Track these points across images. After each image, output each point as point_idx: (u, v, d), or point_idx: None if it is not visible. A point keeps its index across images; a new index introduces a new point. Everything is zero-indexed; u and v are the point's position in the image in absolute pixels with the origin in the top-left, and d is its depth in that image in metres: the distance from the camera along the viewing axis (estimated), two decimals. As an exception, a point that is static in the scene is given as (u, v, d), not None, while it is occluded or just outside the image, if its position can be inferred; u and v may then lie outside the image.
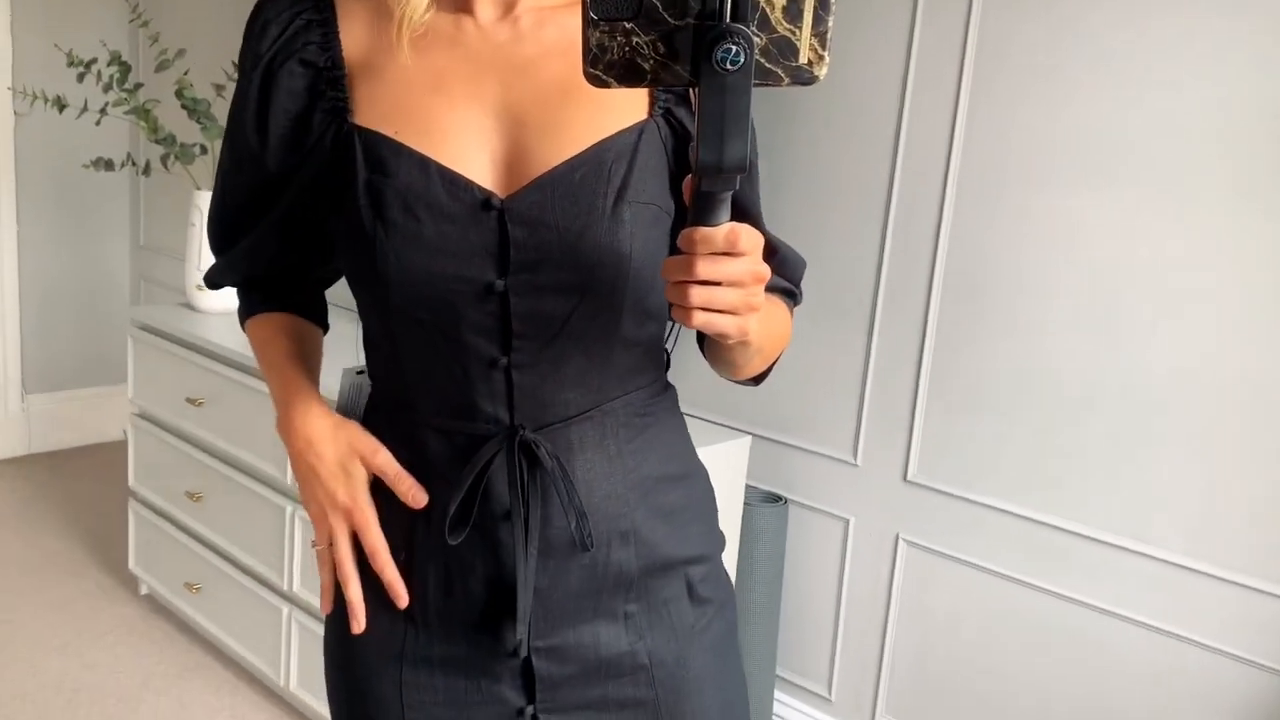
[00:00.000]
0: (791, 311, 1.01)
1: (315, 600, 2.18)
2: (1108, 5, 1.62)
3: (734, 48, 0.64)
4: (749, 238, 0.71)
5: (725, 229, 0.70)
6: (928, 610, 1.92)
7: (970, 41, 1.76)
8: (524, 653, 0.91)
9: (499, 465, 0.89)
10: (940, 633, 1.91)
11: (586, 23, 0.66)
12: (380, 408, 0.96)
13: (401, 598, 0.92)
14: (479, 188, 0.84)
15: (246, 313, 1.04)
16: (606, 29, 0.66)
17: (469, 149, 0.85)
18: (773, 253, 0.94)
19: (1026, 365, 1.76)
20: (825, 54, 0.67)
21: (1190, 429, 1.61)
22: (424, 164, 0.84)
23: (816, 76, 0.68)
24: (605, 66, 0.67)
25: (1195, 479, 1.61)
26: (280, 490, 2.25)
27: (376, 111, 0.87)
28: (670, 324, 0.96)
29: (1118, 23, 1.62)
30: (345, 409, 1.00)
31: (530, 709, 0.93)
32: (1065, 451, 1.73)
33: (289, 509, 2.22)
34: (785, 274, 0.98)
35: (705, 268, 0.70)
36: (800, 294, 1.03)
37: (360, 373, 1.01)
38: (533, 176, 0.84)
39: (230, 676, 2.44)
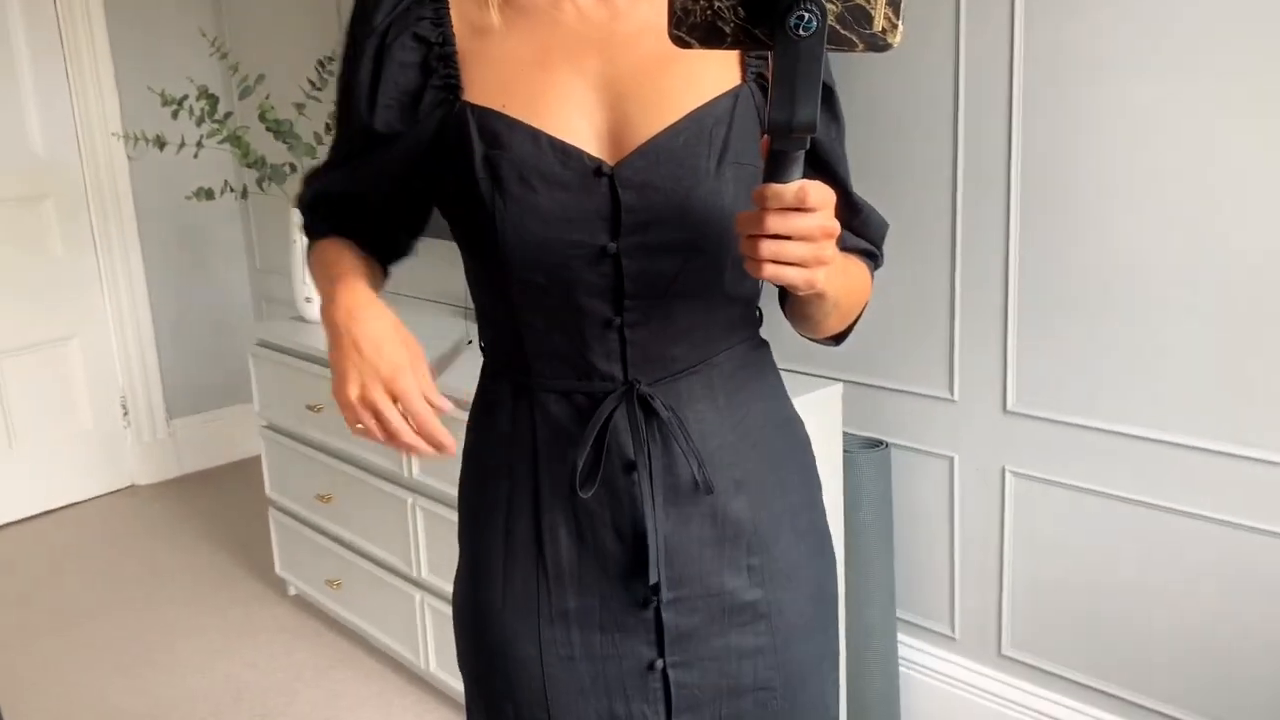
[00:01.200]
0: (872, 272, 1.03)
1: (444, 585, 2.28)
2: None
3: (807, 14, 0.68)
4: (818, 194, 0.74)
5: (795, 185, 0.73)
6: (1043, 540, 1.88)
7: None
8: (657, 598, 0.96)
9: (619, 419, 0.94)
10: (1057, 561, 1.87)
11: None
12: (498, 375, 1.01)
13: (447, 445, 0.86)
14: (589, 156, 0.89)
15: (316, 232, 1.04)
16: None
17: (575, 121, 0.89)
18: (855, 213, 0.99)
19: (1115, 275, 1.70)
20: (899, 22, 0.71)
21: (1298, 324, 1.53)
22: (536, 136, 0.88)
23: (890, 43, 0.72)
24: (689, 29, 0.72)
25: (1309, 376, 1.53)
26: (401, 484, 2.34)
27: (486, 88, 0.91)
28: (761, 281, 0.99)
29: None
30: (441, 360, 1.05)
31: (660, 662, 0.97)
32: (1164, 361, 1.67)
33: (409, 500, 2.31)
34: (867, 235, 1.01)
35: (775, 222, 0.74)
36: (882, 256, 1.05)
37: (479, 345, 1.06)
38: (637, 144, 0.89)
39: (375, 665, 2.56)
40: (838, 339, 1.05)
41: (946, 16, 1.81)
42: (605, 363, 0.94)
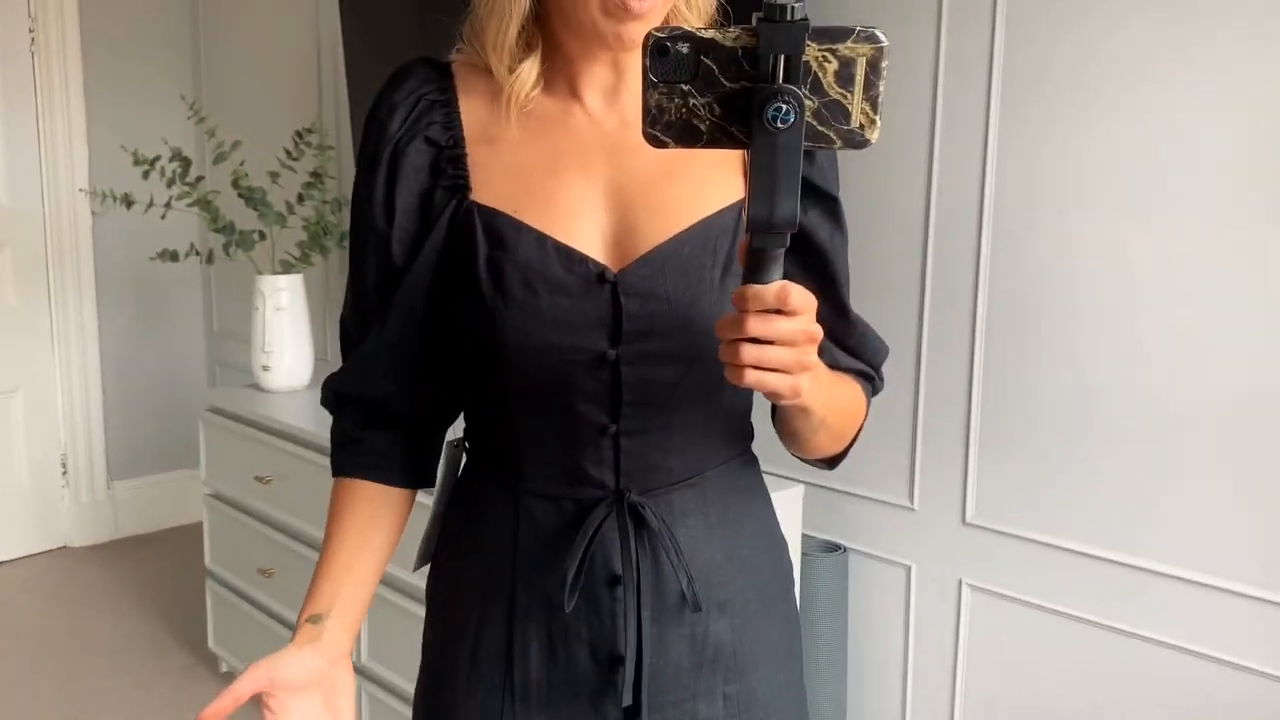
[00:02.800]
0: (869, 396, 1.00)
1: (385, 672, 2.20)
2: (1132, 25, 1.60)
3: (785, 106, 0.66)
4: (799, 296, 0.71)
5: (776, 286, 0.71)
6: (998, 656, 1.86)
7: (996, 68, 1.75)
8: None
9: (608, 529, 0.91)
10: (1012, 679, 1.85)
11: (646, 85, 0.69)
12: (484, 477, 0.97)
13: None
14: (593, 262, 0.88)
15: (345, 457, 0.99)
16: (665, 90, 0.69)
17: (582, 226, 0.89)
18: (850, 331, 0.97)
19: (1079, 396, 1.72)
20: (877, 118, 0.69)
21: (1255, 455, 1.55)
22: (541, 240, 0.88)
23: (869, 140, 0.70)
24: (663, 127, 0.70)
25: (1266, 505, 1.54)
26: (345, 563, 2.28)
27: (494, 189, 0.90)
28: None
29: (1143, 41, 1.60)
30: (443, 481, 1.02)
31: None
32: (1125, 484, 1.68)
33: (354, 581, 2.25)
34: (863, 355, 0.99)
35: (756, 325, 0.71)
36: (880, 380, 1.02)
37: (458, 446, 1.02)
38: (642, 251, 0.88)
39: (306, 751, 2.46)
40: (831, 462, 1.01)
41: (921, 129, 1.86)
42: (598, 470, 0.91)
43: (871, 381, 1.01)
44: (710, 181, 0.90)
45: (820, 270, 0.95)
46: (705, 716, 0.94)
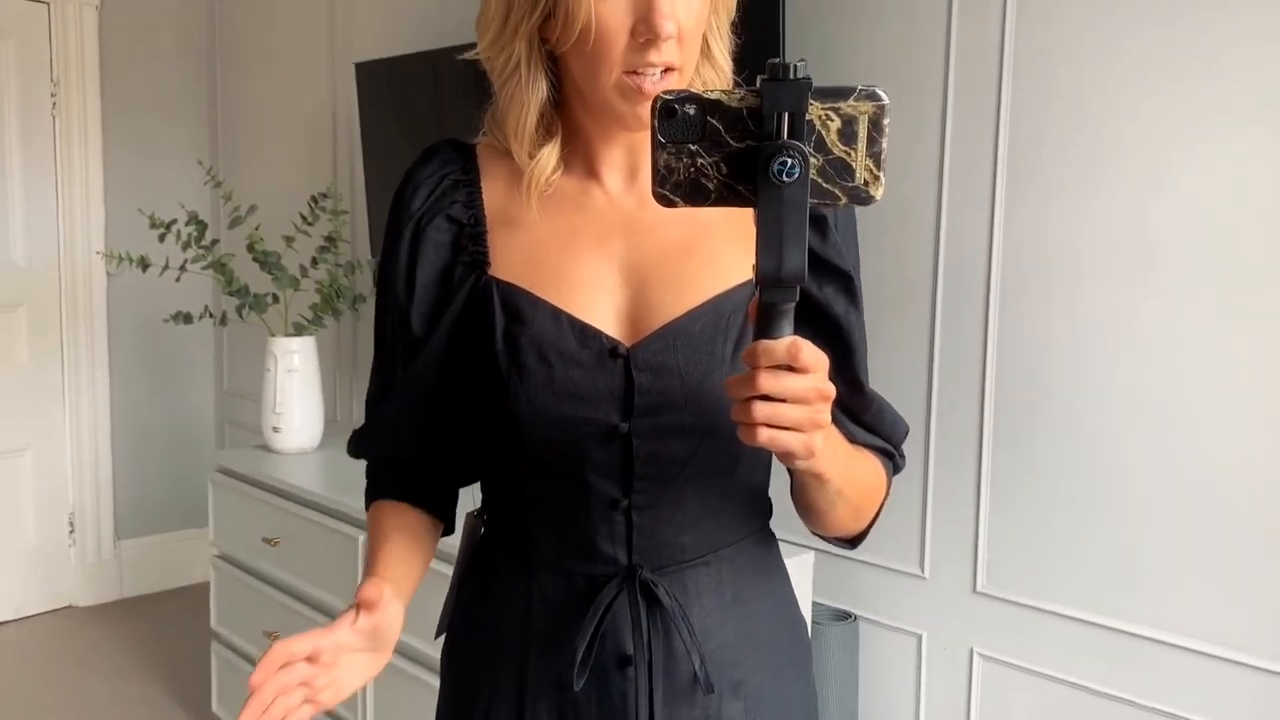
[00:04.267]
0: (890, 474, 0.99)
1: (389, 738, 2.18)
2: (1141, 88, 1.64)
3: (790, 160, 0.68)
4: (811, 353, 0.71)
5: (787, 341, 0.71)
6: (1010, 727, 1.84)
7: (1001, 141, 1.78)
8: None
9: (619, 607, 0.91)
10: (1025, 751, 1.83)
11: (654, 145, 0.71)
12: (499, 548, 0.99)
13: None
14: (606, 336, 0.90)
15: (373, 495, 1.03)
16: (673, 151, 0.71)
17: (597, 301, 0.91)
18: (867, 406, 0.97)
19: (1089, 465, 1.72)
20: (880, 175, 0.71)
21: (1269, 525, 1.55)
22: (556, 315, 0.90)
23: (873, 196, 0.71)
24: (672, 186, 0.71)
25: (1276, 577, 1.54)
26: (352, 627, 2.27)
27: (512, 265, 0.93)
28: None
29: (1144, 115, 1.63)
30: (463, 550, 1.03)
31: None
32: (1135, 554, 1.68)
33: (361, 645, 2.24)
34: (881, 431, 0.98)
35: (767, 381, 0.71)
36: (901, 458, 1.01)
37: (477, 516, 1.04)
38: (655, 327, 0.90)
39: (309, 819, 2.43)
40: (852, 542, 1.00)
41: (928, 201, 1.89)
42: (609, 545, 0.92)
43: (892, 459, 1.00)
44: (724, 259, 0.92)
45: (837, 344, 0.95)
46: None
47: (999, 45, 1.78)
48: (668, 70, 0.87)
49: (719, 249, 0.91)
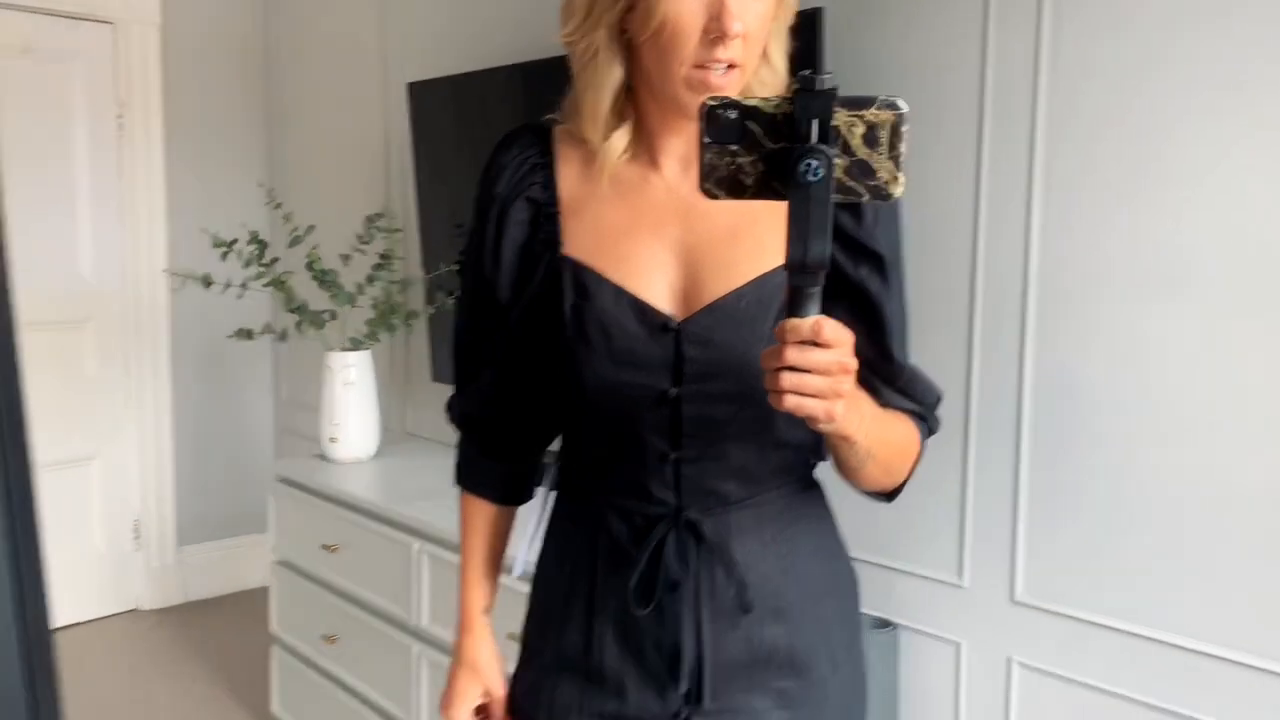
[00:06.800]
0: (924, 435, 1.10)
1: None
2: (1174, 116, 1.67)
3: (815, 163, 0.78)
4: (834, 330, 0.82)
5: (811, 320, 0.81)
6: (1048, 735, 1.88)
7: (1037, 159, 1.82)
8: (688, 710, 1.04)
9: (670, 542, 1.04)
10: (1063, 758, 1.86)
11: (701, 146, 0.82)
12: (572, 493, 1.14)
13: None
14: (659, 312, 1.02)
15: (462, 475, 1.22)
16: (717, 151, 0.81)
17: (653, 280, 1.03)
18: (898, 374, 1.08)
19: (1127, 474, 1.75)
20: (900, 174, 0.81)
21: (1299, 538, 1.57)
22: (618, 293, 1.03)
23: (893, 194, 0.81)
24: (715, 182, 0.82)
25: (1310, 590, 1.57)
26: (407, 630, 2.36)
27: (581, 245, 1.05)
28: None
29: (1184, 127, 1.66)
30: (545, 497, 1.19)
31: None
32: (1174, 565, 1.71)
33: (415, 648, 2.32)
34: (914, 395, 1.09)
35: (794, 355, 0.82)
36: (935, 421, 1.12)
37: (555, 464, 1.19)
38: (705, 304, 1.02)
39: (366, 816, 2.52)
40: (890, 496, 1.11)
41: (965, 209, 1.93)
42: (661, 490, 1.05)
43: (926, 421, 1.10)
44: (769, 244, 1.01)
45: (871, 319, 1.06)
46: (758, 707, 1.06)
47: (1034, 56, 1.81)
48: (731, 67, 0.97)
49: (764, 235, 1.01)
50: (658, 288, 1.03)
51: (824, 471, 1.17)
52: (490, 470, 1.20)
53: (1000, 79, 1.87)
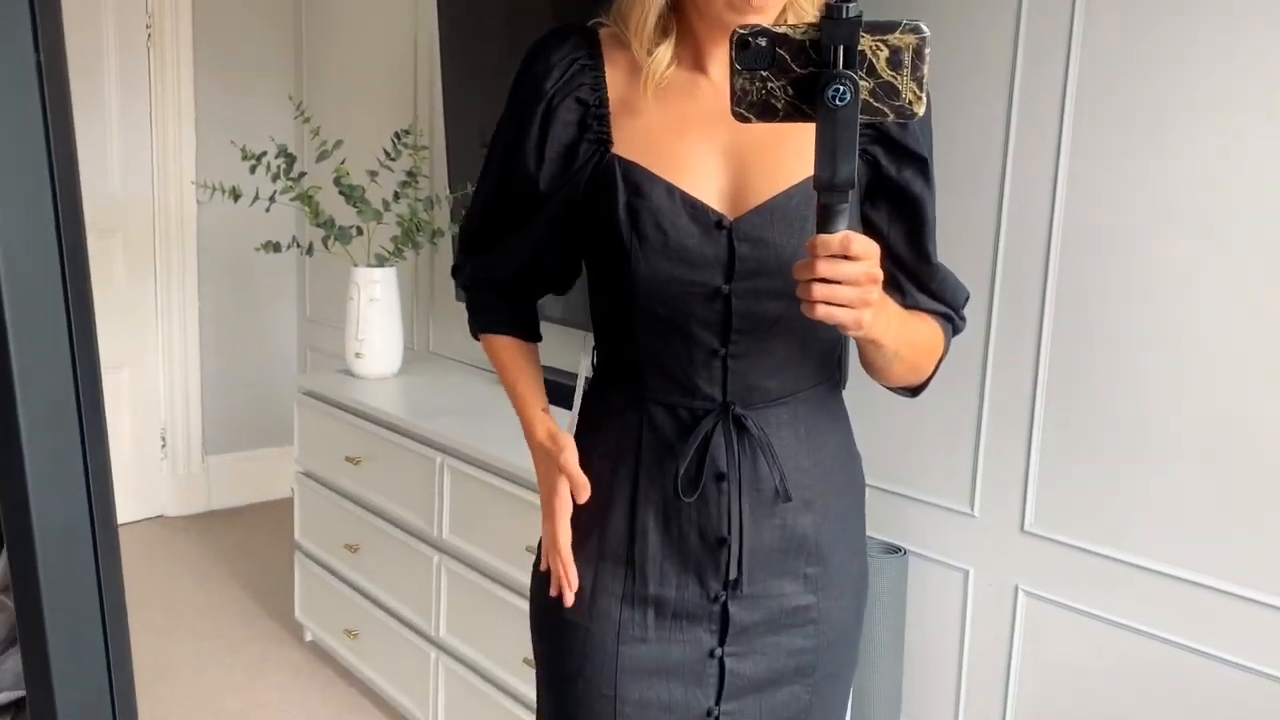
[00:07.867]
0: (948, 335, 1.16)
1: (461, 646, 2.33)
2: (1202, 57, 1.65)
3: (842, 88, 0.82)
4: (861, 244, 0.87)
5: (840, 235, 0.87)
6: (1049, 662, 1.93)
7: (1069, 92, 1.81)
8: (728, 594, 1.10)
9: (717, 435, 1.09)
10: (1063, 686, 1.91)
11: (732, 72, 0.85)
12: (612, 386, 1.17)
13: (567, 590, 1.12)
14: (713, 210, 1.05)
15: (479, 326, 1.26)
16: (748, 76, 0.85)
17: (704, 180, 1.06)
18: (931, 276, 1.14)
19: (1141, 411, 1.77)
20: (923, 94, 0.85)
21: (1310, 477, 1.59)
22: (671, 190, 1.05)
23: (916, 113, 0.86)
24: (747, 106, 0.86)
25: (1318, 528, 1.59)
26: (428, 541, 2.42)
27: (632, 145, 1.08)
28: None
29: (1215, 73, 1.65)
30: (580, 390, 1.24)
31: (720, 651, 1.12)
32: (1183, 499, 1.73)
33: (436, 559, 2.38)
34: (944, 298, 1.15)
35: (824, 267, 0.87)
36: (961, 321, 1.18)
37: (590, 358, 1.23)
38: (754, 204, 1.05)
39: (384, 719, 2.61)
40: (915, 391, 1.18)
41: (995, 148, 1.92)
42: (708, 385, 1.09)
43: (952, 321, 1.16)
44: (813, 147, 1.05)
45: (912, 218, 1.11)
46: (789, 591, 1.13)
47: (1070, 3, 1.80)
48: None
49: (809, 139, 1.05)
50: (708, 187, 1.05)
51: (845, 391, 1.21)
52: (503, 309, 1.23)
53: (1035, 16, 1.85)
